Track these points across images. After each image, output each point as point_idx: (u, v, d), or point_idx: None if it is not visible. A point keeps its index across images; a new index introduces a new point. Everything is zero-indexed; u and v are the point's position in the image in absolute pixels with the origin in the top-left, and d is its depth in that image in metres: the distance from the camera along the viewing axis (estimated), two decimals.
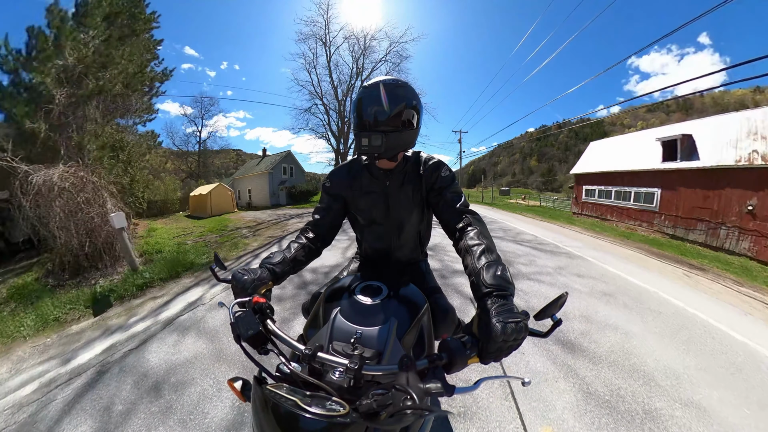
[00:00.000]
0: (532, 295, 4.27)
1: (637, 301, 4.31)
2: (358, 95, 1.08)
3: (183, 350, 2.83)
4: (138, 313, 3.74)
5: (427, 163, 1.25)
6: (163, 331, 3.21)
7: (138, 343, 2.98)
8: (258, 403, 0.65)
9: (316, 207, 1.31)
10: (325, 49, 24.68)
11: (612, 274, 5.61)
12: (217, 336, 3.06)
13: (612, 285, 4.97)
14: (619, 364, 2.73)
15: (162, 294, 4.37)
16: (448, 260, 5.67)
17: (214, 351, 2.80)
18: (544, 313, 0.74)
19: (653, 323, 3.64)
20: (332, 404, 0.61)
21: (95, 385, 2.38)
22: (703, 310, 4.15)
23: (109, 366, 2.63)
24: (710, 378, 2.63)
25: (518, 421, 2.03)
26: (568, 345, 3.00)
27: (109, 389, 2.33)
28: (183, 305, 3.90)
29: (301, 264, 1.15)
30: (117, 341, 3.07)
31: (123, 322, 3.50)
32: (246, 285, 0.94)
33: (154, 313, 3.70)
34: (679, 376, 2.61)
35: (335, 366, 0.74)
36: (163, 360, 2.68)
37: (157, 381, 2.40)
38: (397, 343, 0.89)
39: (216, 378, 2.41)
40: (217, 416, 2.03)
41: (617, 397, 2.30)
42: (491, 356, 0.71)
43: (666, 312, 4.01)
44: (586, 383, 2.44)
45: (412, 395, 0.58)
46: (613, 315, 3.79)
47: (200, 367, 2.56)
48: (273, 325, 0.85)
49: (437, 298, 1.36)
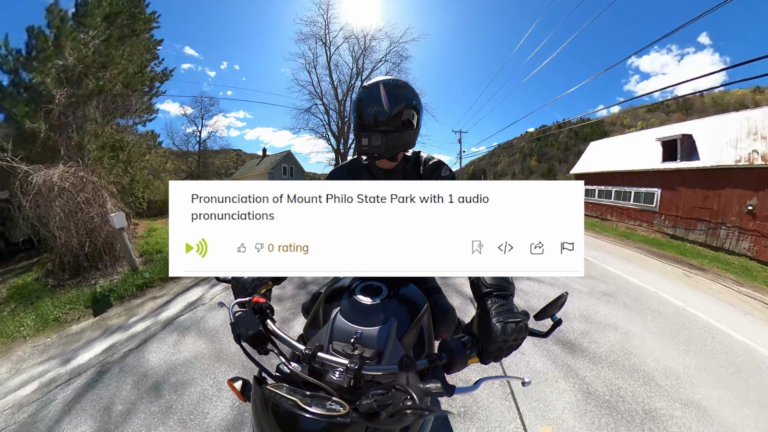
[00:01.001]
0: (532, 295, 4.27)
1: (637, 301, 4.33)
2: (358, 95, 1.08)
3: (183, 350, 2.83)
4: (138, 313, 3.74)
5: (427, 163, 1.25)
6: (163, 331, 3.21)
7: (138, 343, 2.98)
8: (258, 403, 0.65)
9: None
10: (325, 49, 24.65)
11: (612, 274, 5.62)
12: (217, 336, 3.06)
13: (612, 285, 4.98)
14: (619, 363, 2.74)
15: (162, 294, 4.37)
16: None
17: (214, 351, 2.80)
18: (544, 313, 0.74)
19: (653, 323, 3.65)
20: (332, 404, 0.61)
21: (95, 385, 2.38)
22: (703, 310, 4.16)
23: (109, 366, 2.63)
24: (710, 378, 2.64)
25: (518, 421, 2.03)
26: (568, 345, 3.01)
27: (109, 389, 2.33)
28: (183, 305, 3.90)
29: None
30: (117, 341, 3.07)
31: (123, 322, 3.50)
32: (246, 285, 0.94)
33: (154, 313, 3.70)
34: (679, 376, 2.62)
35: (335, 366, 0.74)
36: (163, 360, 2.69)
37: (157, 381, 2.40)
38: (397, 343, 0.89)
39: (216, 378, 2.41)
40: (217, 416, 2.03)
41: (617, 396, 2.30)
42: (491, 356, 0.71)
43: (666, 312, 4.03)
44: (586, 383, 2.44)
45: (412, 395, 0.58)
46: (613, 315, 3.80)
47: (200, 366, 2.56)
48: (273, 325, 0.85)
49: (437, 298, 1.36)
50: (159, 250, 6.41)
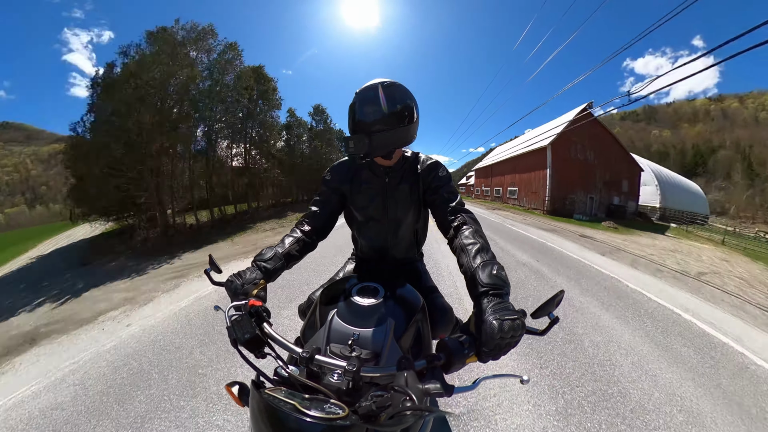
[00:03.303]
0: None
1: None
2: (353, 100, 1.10)
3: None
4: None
5: (425, 163, 1.27)
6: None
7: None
8: (256, 408, 0.64)
9: (314, 199, 1.30)
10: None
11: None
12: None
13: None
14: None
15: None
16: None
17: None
18: (541, 311, 0.74)
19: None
20: (331, 407, 0.60)
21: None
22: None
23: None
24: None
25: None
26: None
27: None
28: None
29: (295, 259, 1.14)
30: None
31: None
32: (238, 289, 0.94)
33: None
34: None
35: (333, 368, 0.73)
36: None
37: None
38: (395, 344, 0.89)
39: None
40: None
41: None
42: (489, 355, 0.71)
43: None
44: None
45: (411, 396, 0.57)
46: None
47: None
48: (270, 328, 0.84)
49: (434, 298, 1.36)
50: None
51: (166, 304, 4.26)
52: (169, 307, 4.13)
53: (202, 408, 2.11)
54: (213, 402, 2.16)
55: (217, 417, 2.02)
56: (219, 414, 2.04)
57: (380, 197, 1.28)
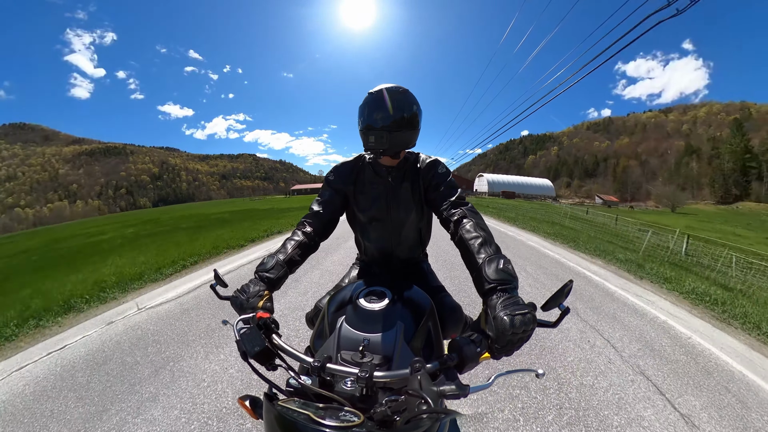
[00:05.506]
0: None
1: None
2: (365, 100, 1.18)
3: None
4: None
5: (425, 162, 1.30)
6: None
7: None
8: (270, 420, 0.63)
9: (316, 199, 1.31)
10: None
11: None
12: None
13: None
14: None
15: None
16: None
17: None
18: (551, 302, 0.73)
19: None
20: (346, 415, 0.59)
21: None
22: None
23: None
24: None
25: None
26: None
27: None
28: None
29: (297, 263, 1.14)
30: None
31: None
32: (243, 303, 0.94)
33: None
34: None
35: (345, 376, 0.73)
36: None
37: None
38: (406, 347, 0.88)
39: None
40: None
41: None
42: (502, 351, 0.70)
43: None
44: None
45: (426, 399, 0.56)
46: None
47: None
48: (279, 340, 0.83)
49: (442, 297, 1.36)
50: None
51: None
52: None
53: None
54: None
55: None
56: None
57: (383, 197, 1.29)
